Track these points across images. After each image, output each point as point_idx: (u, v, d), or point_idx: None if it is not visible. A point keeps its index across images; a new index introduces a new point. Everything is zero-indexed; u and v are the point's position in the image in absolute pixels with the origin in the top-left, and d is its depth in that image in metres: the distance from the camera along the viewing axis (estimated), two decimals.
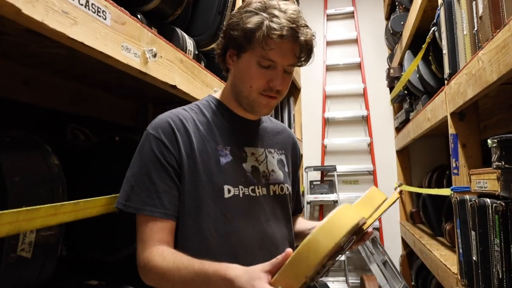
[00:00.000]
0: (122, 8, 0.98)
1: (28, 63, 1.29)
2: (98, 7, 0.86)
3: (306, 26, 1.03)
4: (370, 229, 1.08)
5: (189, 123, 1.05)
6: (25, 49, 1.16)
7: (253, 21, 0.99)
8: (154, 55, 1.07)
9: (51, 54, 1.20)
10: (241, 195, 1.05)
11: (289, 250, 0.79)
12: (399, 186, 1.32)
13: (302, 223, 1.34)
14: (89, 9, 0.83)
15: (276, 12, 0.99)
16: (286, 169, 1.23)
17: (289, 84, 1.10)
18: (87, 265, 1.26)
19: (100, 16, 0.87)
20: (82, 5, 0.81)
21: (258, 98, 1.06)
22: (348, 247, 0.93)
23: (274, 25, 0.96)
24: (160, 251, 0.93)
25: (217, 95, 1.18)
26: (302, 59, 1.05)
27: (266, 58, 1.01)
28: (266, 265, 0.80)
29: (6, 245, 0.76)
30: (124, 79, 1.40)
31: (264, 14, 0.98)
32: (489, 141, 1.14)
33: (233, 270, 0.83)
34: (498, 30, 1.15)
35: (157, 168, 0.98)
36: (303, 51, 1.03)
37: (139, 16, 1.29)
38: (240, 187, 1.05)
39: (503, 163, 1.08)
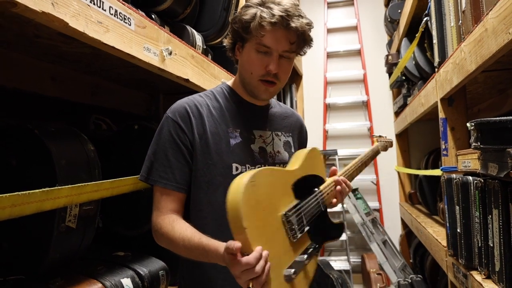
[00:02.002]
0: (143, 13, 1.12)
1: (55, 61, 1.44)
2: (124, 15, 1.00)
3: (301, 16, 1.12)
4: (341, 178, 1.25)
5: (203, 108, 1.16)
6: (54, 49, 1.31)
7: (249, 13, 1.10)
8: (170, 53, 1.21)
9: (77, 53, 1.35)
10: None
11: None
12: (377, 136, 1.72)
13: None
14: (117, 17, 0.97)
15: (271, 5, 1.09)
16: (293, 150, 1.32)
17: (289, 71, 1.19)
18: (114, 238, 1.43)
19: (126, 22, 1.01)
20: (112, 14, 0.95)
21: (258, 84, 1.15)
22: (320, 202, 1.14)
23: (266, 14, 1.07)
24: (171, 220, 1.06)
25: (230, 83, 1.29)
26: (296, 45, 1.13)
27: (262, 44, 1.10)
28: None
29: (57, 216, 0.92)
30: (139, 73, 1.55)
31: (260, 7, 1.09)
32: (467, 124, 1.28)
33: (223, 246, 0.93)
34: (476, 25, 1.28)
35: (172, 147, 1.10)
36: (297, 38, 1.11)
37: (153, 16, 1.43)
38: (247, 165, 1.16)
39: (479, 144, 1.22)
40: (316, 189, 1.17)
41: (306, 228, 1.07)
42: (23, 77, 1.36)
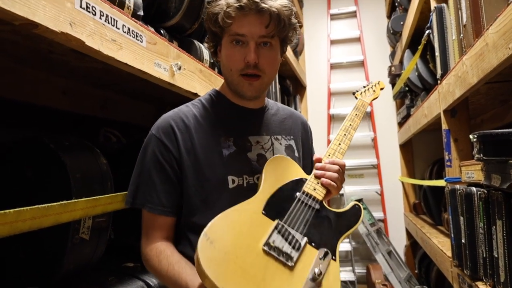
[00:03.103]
0: (153, 30, 1.16)
1: (66, 75, 1.48)
2: (136, 33, 1.04)
3: None
4: (324, 164, 1.07)
5: (190, 120, 1.06)
6: (66, 64, 1.35)
7: (216, 5, 1.02)
8: (179, 68, 1.25)
9: (88, 68, 1.39)
10: (245, 185, 1.04)
11: None
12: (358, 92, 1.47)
13: None
14: (130, 35, 1.01)
15: None
16: (296, 154, 1.20)
17: (273, 60, 1.08)
18: (124, 249, 1.45)
19: (138, 39, 1.05)
20: (125, 32, 0.99)
21: (239, 80, 1.05)
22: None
23: (232, 1, 0.99)
24: (158, 253, 0.98)
25: (219, 87, 1.19)
26: (273, 28, 1.01)
27: (235, 34, 1.01)
28: None
29: (71, 228, 0.95)
30: (148, 87, 1.58)
31: None
32: (470, 136, 1.30)
33: None
34: (477, 39, 1.31)
35: (156, 168, 1.01)
36: (272, 20, 1.00)
37: (162, 31, 1.47)
38: (245, 176, 1.05)
39: (482, 156, 1.24)
40: (297, 193, 1.00)
41: (304, 241, 0.90)
42: (36, 92, 1.40)
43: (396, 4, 3.55)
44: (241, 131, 1.11)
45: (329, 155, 1.12)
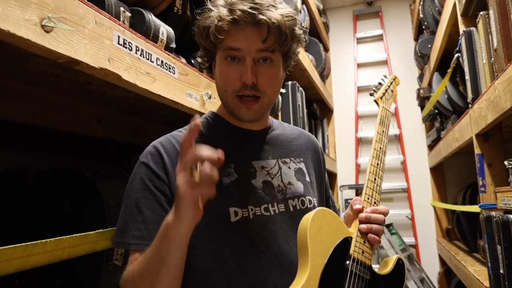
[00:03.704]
0: (185, 61, 1.20)
1: (101, 104, 1.55)
2: (169, 65, 1.08)
3: (272, 5, 0.89)
4: (365, 215, 0.98)
5: None
6: (102, 94, 1.41)
7: (207, 17, 0.91)
8: (209, 97, 1.28)
9: (122, 97, 1.44)
10: (251, 217, 0.91)
11: None
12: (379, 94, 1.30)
13: None
14: (163, 67, 1.05)
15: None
16: (308, 179, 1.07)
17: (273, 79, 0.94)
18: None
19: (171, 71, 1.09)
20: (158, 65, 1.03)
21: (236, 103, 0.93)
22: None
23: (225, 11, 0.88)
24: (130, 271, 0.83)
25: (216, 109, 1.07)
26: (273, 41, 0.89)
27: (229, 48, 0.89)
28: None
29: (105, 255, 0.98)
30: (179, 114, 1.63)
31: (218, 8, 0.90)
32: (505, 162, 1.27)
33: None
34: (509, 64, 1.29)
35: (146, 196, 0.87)
36: (272, 33, 0.88)
37: (192, 61, 1.52)
38: (250, 207, 0.91)
39: None
40: (347, 262, 0.90)
41: None
42: (73, 121, 1.46)
43: (423, 27, 3.53)
44: (243, 156, 0.98)
45: (368, 198, 1.03)
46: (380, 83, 1.35)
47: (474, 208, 2.01)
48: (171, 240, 0.73)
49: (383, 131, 1.17)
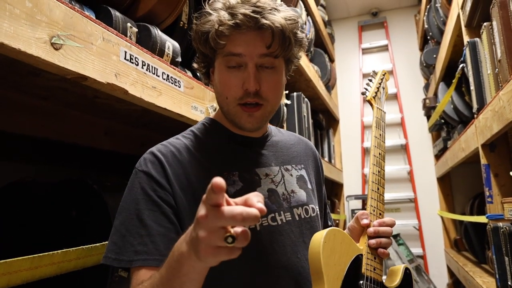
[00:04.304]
0: (191, 75, 1.22)
1: (108, 117, 1.57)
2: (175, 79, 1.10)
3: (275, 9, 0.86)
4: (373, 229, 0.96)
5: (183, 153, 0.88)
6: (109, 107, 1.43)
7: (206, 22, 0.87)
8: (215, 110, 1.30)
9: (128, 110, 1.47)
10: (258, 228, 0.88)
11: None
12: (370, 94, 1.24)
13: None
14: (169, 81, 1.07)
15: (233, 2, 0.85)
16: (309, 186, 1.04)
17: (277, 85, 0.91)
18: None
19: (176, 85, 1.11)
20: (164, 79, 1.05)
21: (237, 111, 0.89)
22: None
23: (226, 15, 0.84)
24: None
25: (213, 115, 1.03)
26: (277, 46, 0.86)
27: (230, 54, 0.85)
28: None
29: (112, 267, 0.99)
30: (184, 126, 1.65)
31: (218, 11, 0.86)
32: (511, 173, 1.27)
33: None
34: None
35: (149, 207, 0.80)
36: (276, 38, 0.84)
37: (198, 74, 1.54)
38: None
39: None
40: (360, 282, 0.90)
41: None
42: (81, 133, 1.48)
43: (428, 37, 3.55)
44: (246, 164, 0.94)
45: (373, 211, 1.01)
46: (370, 80, 1.29)
47: (481, 219, 2.00)
48: (186, 274, 0.63)
49: (380, 135, 1.13)
